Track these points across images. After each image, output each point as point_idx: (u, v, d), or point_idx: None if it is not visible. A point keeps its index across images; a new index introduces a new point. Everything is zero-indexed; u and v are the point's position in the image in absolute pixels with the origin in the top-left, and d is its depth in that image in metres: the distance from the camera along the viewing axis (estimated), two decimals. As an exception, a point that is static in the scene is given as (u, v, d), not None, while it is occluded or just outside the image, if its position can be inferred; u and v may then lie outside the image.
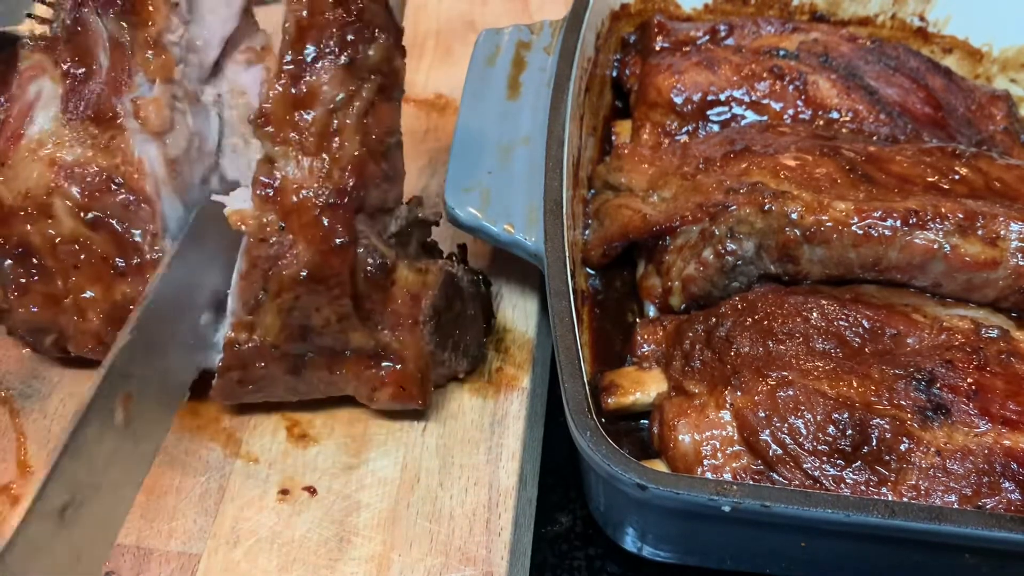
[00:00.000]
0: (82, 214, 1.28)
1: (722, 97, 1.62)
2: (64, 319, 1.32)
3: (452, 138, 1.49)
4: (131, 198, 1.28)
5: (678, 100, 1.62)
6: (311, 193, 1.21)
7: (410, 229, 1.33)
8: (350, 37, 1.20)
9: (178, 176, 1.32)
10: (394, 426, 1.39)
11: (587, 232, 1.52)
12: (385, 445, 1.38)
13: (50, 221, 1.29)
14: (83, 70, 1.29)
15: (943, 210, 1.34)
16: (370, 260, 1.26)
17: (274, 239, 1.21)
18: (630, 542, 1.33)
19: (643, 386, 1.34)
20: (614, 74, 1.80)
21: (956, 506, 1.16)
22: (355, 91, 1.21)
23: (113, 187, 1.28)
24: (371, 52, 1.21)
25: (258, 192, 1.21)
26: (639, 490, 1.12)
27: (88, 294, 1.31)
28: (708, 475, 1.23)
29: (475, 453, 1.37)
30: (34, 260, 1.30)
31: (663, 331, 1.39)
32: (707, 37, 1.74)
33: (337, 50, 1.20)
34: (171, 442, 1.37)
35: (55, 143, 1.29)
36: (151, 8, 1.26)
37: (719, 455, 1.24)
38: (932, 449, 1.19)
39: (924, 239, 1.33)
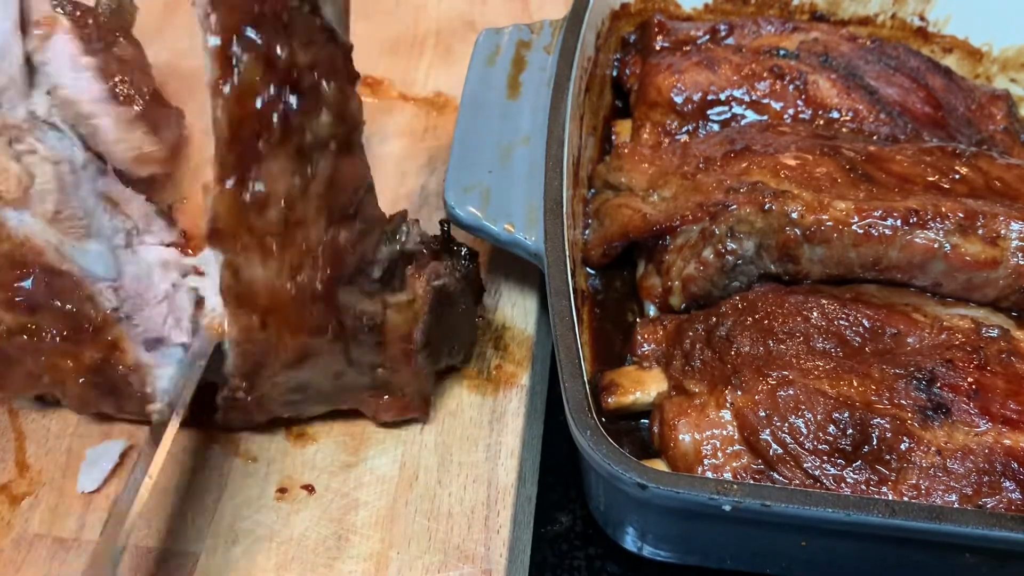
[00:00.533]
0: (13, 308, 1.21)
1: (722, 97, 1.62)
2: (51, 389, 1.29)
3: (452, 137, 1.48)
4: (45, 278, 1.20)
5: (678, 100, 1.62)
6: (287, 291, 1.14)
7: (392, 267, 1.25)
8: (294, 117, 1.08)
9: (71, 226, 1.21)
10: (392, 424, 1.39)
11: (587, 232, 1.51)
12: (383, 443, 1.37)
13: None
14: None
15: (943, 209, 1.34)
16: (358, 327, 1.22)
17: (259, 337, 1.16)
18: (630, 542, 1.32)
19: (643, 385, 1.34)
20: (614, 74, 1.80)
21: (957, 505, 1.16)
22: (312, 173, 1.11)
23: (21, 273, 1.19)
24: (321, 121, 1.10)
25: (229, 302, 1.14)
26: (639, 489, 1.12)
27: (61, 366, 1.25)
28: (708, 474, 1.22)
29: (474, 451, 1.37)
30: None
31: (663, 330, 1.39)
32: (707, 37, 1.74)
33: (281, 137, 1.07)
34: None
35: None
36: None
37: (719, 454, 1.23)
38: (932, 448, 1.19)
39: (924, 238, 1.33)
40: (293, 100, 1.07)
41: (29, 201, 1.17)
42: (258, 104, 1.05)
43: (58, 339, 1.22)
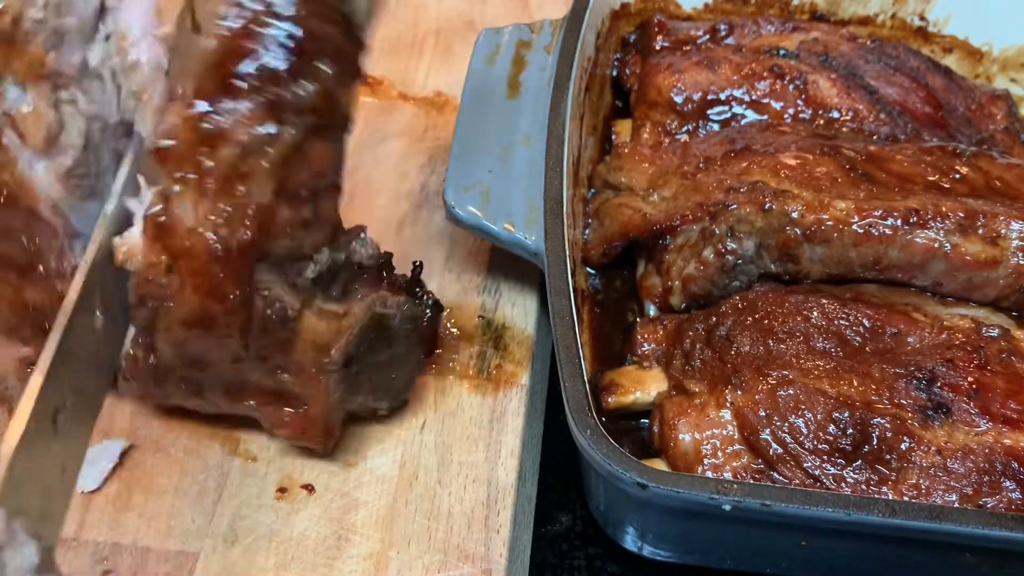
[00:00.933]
0: None
1: (722, 96, 1.62)
2: None
3: (452, 137, 1.48)
4: (27, 217, 1.14)
5: (678, 99, 1.62)
6: (204, 239, 1.07)
7: (332, 273, 1.22)
8: (282, 72, 1.05)
9: (78, 184, 1.16)
10: (392, 424, 1.39)
11: (587, 232, 1.51)
12: (383, 443, 1.37)
13: None
14: None
15: (944, 209, 1.34)
16: (269, 311, 1.15)
17: (162, 280, 1.09)
18: (630, 541, 1.32)
19: (643, 385, 1.34)
20: (614, 73, 1.80)
21: (957, 505, 1.16)
22: (276, 134, 1.07)
23: (5, 206, 1.13)
24: (304, 91, 1.07)
25: (148, 229, 1.08)
26: (639, 489, 1.12)
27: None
28: (708, 474, 1.22)
29: (474, 450, 1.37)
30: None
31: (663, 330, 1.39)
32: (707, 36, 1.74)
33: (260, 85, 1.05)
34: (169, 440, 1.37)
35: None
36: (16, 36, 1.09)
37: (719, 454, 1.23)
38: (933, 448, 1.19)
39: (925, 238, 1.33)
40: (285, 57, 1.04)
41: (50, 151, 1.13)
42: (253, 44, 1.04)
43: (9, 266, 1.15)
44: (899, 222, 1.33)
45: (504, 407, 1.41)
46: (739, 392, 1.25)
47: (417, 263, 1.35)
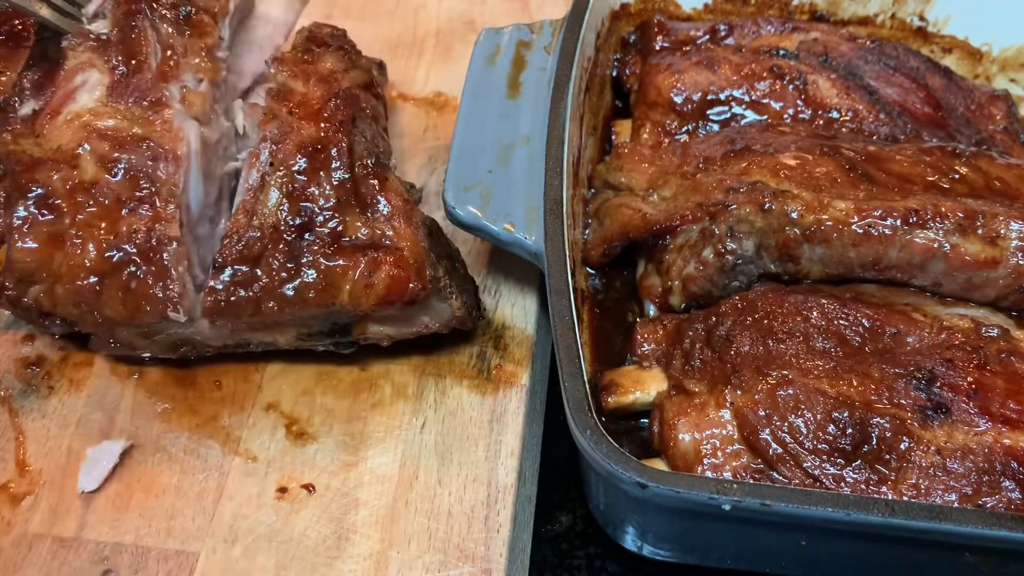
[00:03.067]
0: (108, 165, 1.30)
1: (722, 96, 1.62)
2: (59, 260, 1.28)
3: (452, 137, 1.48)
4: (161, 149, 1.33)
5: (678, 100, 1.62)
6: (315, 96, 1.41)
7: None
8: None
9: (207, 158, 1.39)
10: (392, 423, 1.39)
11: (587, 232, 1.51)
12: (384, 442, 1.38)
13: (75, 171, 1.30)
14: (133, 63, 1.38)
15: (943, 209, 1.34)
16: (367, 152, 1.38)
17: (283, 116, 1.38)
18: (630, 541, 1.33)
19: (643, 385, 1.34)
20: (614, 74, 1.80)
21: (956, 505, 1.16)
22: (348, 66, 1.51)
23: (142, 145, 1.32)
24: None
25: (271, 94, 1.43)
26: (639, 488, 1.12)
27: (90, 230, 1.29)
28: (708, 474, 1.22)
29: (474, 450, 1.37)
30: (49, 202, 1.29)
31: (663, 330, 1.39)
32: (707, 37, 1.74)
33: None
34: (169, 440, 1.37)
35: (93, 115, 1.33)
36: (207, 27, 1.45)
37: (719, 454, 1.23)
38: (932, 448, 1.19)
39: (924, 238, 1.33)
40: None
41: (202, 124, 1.40)
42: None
43: (115, 201, 1.30)
44: (899, 222, 1.33)
45: (504, 407, 1.41)
46: (739, 392, 1.25)
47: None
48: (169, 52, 1.41)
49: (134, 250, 1.27)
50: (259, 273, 1.30)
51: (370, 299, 1.32)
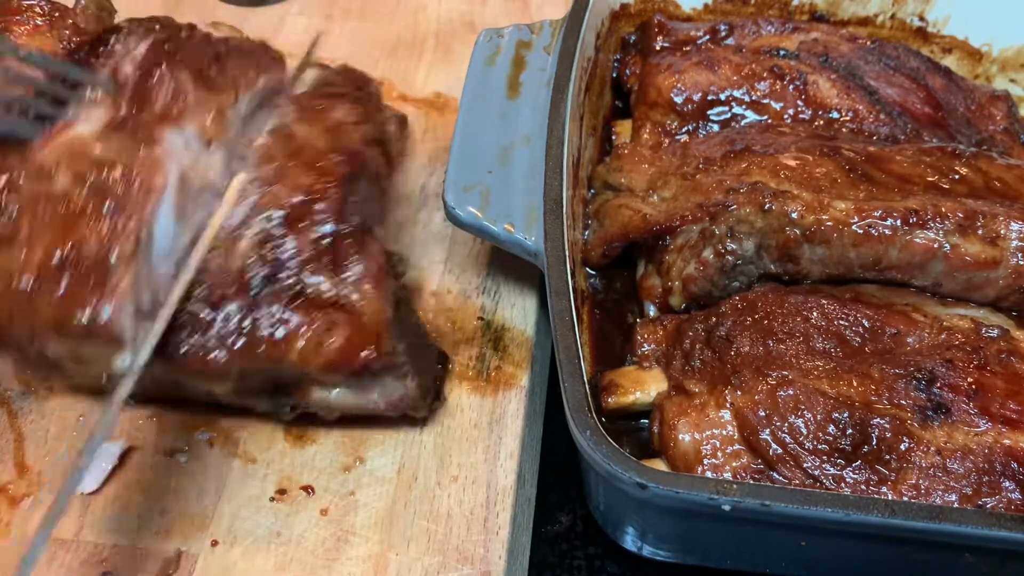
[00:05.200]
0: (79, 182, 1.26)
1: (722, 97, 1.62)
2: (3, 262, 1.23)
3: (452, 137, 1.48)
4: (138, 178, 1.27)
5: (678, 100, 1.62)
6: (317, 146, 1.36)
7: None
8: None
9: (184, 198, 1.31)
10: (391, 425, 1.39)
11: (587, 232, 1.51)
12: (383, 444, 1.37)
13: (45, 184, 1.26)
14: (139, 106, 1.35)
15: (943, 209, 1.34)
16: (356, 213, 1.32)
17: (281, 160, 1.34)
18: (630, 541, 1.32)
19: (643, 385, 1.34)
20: (614, 74, 1.80)
21: (956, 505, 1.16)
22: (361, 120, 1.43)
23: (120, 172, 1.27)
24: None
25: (274, 133, 1.38)
26: (639, 489, 1.12)
27: (42, 235, 1.23)
28: (708, 474, 1.22)
29: (473, 452, 1.37)
30: (9, 207, 1.25)
31: (663, 330, 1.39)
32: (707, 37, 1.74)
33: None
34: (168, 442, 1.37)
35: (82, 143, 1.30)
36: (225, 89, 1.40)
37: (719, 454, 1.23)
38: (932, 448, 1.19)
39: (924, 238, 1.33)
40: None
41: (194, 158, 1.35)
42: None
43: (78, 213, 1.25)
44: (899, 222, 1.33)
45: (503, 409, 1.41)
46: (739, 392, 1.25)
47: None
48: (176, 100, 1.38)
49: (81, 258, 1.22)
50: (213, 323, 1.26)
51: (318, 360, 1.26)
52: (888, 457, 1.19)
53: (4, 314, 1.22)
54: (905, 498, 1.17)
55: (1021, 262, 1.32)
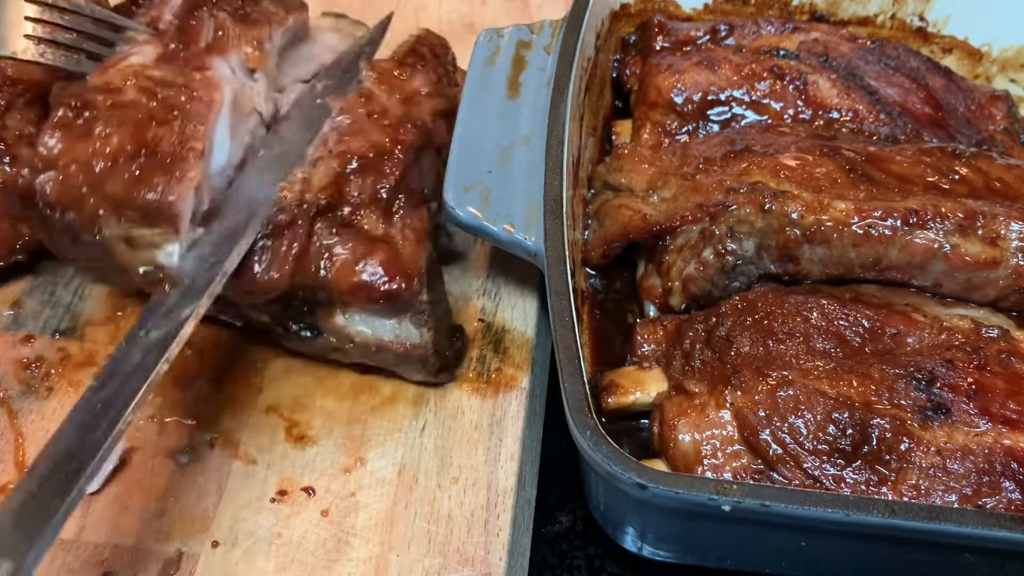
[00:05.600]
0: (147, 94, 1.37)
1: (722, 97, 1.62)
2: (80, 149, 1.32)
3: (452, 137, 1.48)
4: (196, 93, 1.39)
5: (678, 100, 1.62)
6: (392, 113, 1.47)
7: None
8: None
9: (237, 117, 1.44)
10: (392, 427, 1.39)
11: (587, 232, 1.51)
12: (383, 446, 1.37)
13: (118, 96, 1.36)
14: (186, 41, 1.48)
15: (943, 210, 1.33)
16: (417, 181, 1.44)
17: (360, 116, 1.46)
18: (630, 541, 1.32)
19: (643, 385, 1.34)
20: (614, 74, 1.80)
21: (956, 505, 1.16)
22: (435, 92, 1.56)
23: (181, 88, 1.40)
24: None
25: (358, 91, 1.50)
26: (639, 489, 1.12)
27: (119, 130, 1.33)
28: (708, 474, 1.22)
29: (474, 454, 1.37)
30: (86, 110, 1.34)
31: (663, 331, 1.39)
32: (707, 37, 1.74)
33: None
34: (169, 443, 1.37)
35: (142, 66, 1.42)
36: (261, 22, 1.54)
37: (719, 454, 1.23)
38: (932, 449, 1.19)
39: (924, 238, 1.33)
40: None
41: (244, 81, 1.49)
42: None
43: (147, 118, 1.36)
44: (899, 223, 1.33)
45: (504, 410, 1.41)
46: (739, 392, 1.25)
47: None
48: (220, 33, 1.50)
49: (156, 149, 1.32)
50: (276, 246, 1.34)
51: (352, 278, 1.33)
52: (888, 457, 1.19)
53: (77, 188, 1.31)
54: (905, 498, 1.17)
55: (1021, 262, 1.32)
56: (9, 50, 1.43)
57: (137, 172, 1.30)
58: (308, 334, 1.40)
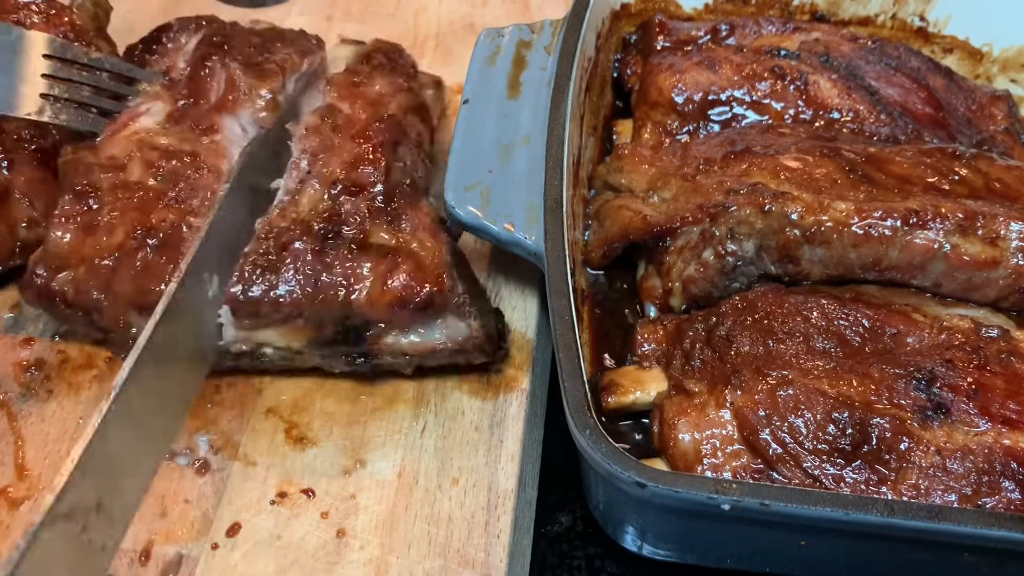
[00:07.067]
0: (152, 169, 1.40)
1: (723, 97, 1.61)
2: (88, 245, 1.34)
3: (452, 137, 1.48)
4: (204, 162, 1.41)
5: (679, 100, 1.62)
6: (359, 119, 1.48)
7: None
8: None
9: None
10: (392, 428, 1.39)
11: (587, 233, 1.51)
12: (384, 447, 1.37)
13: (121, 174, 1.38)
14: (196, 97, 1.50)
15: (943, 210, 1.33)
16: (405, 175, 1.45)
17: (326, 134, 1.46)
18: (630, 541, 1.32)
19: (643, 385, 1.34)
20: (615, 74, 1.79)
21: (956, 505, 1.16)
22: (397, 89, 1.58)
23: (187, 158, 1.41)
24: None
25: (317, 113, 1.49)
26: (639, 488, 1.12)
27: (122, 218, 1.35)
28: (708, 474, 1.22)
29: (474, 455, 1.37)
30: (91, 197, 1.36)
31: (663, 330, 1.38)
32: (708, 37, 1.74)
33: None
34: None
35: (149, 133, 1.44)
36: (273, 73, 1.54)
37: (719, 454, 1.23)
38: (932, 448, 1.18)
39: (924, 239, 1.33)
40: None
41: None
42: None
43: (153, 198, 1.39)
44: (899, 223, 1.33)
45: (504, 412, 1.41)
46: (739, 392, 1.25)
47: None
48: (231, 89, 1.51)
49: (158, 235, 1.34)
50: (283, 264, 1.34)
51: (385, 298, 1.33)
52: (888, 457, 1.19)
53: (91, 294, 1.33)
54: (905, 498, 1.17)
55: (1021, 262, 1.32)
56: (24, 108, 1.44)
57: (142, 267, 1.32)
58: (362, 360, 1.40)
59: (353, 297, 1.33)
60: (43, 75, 1.46)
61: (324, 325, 1.36)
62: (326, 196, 1.38)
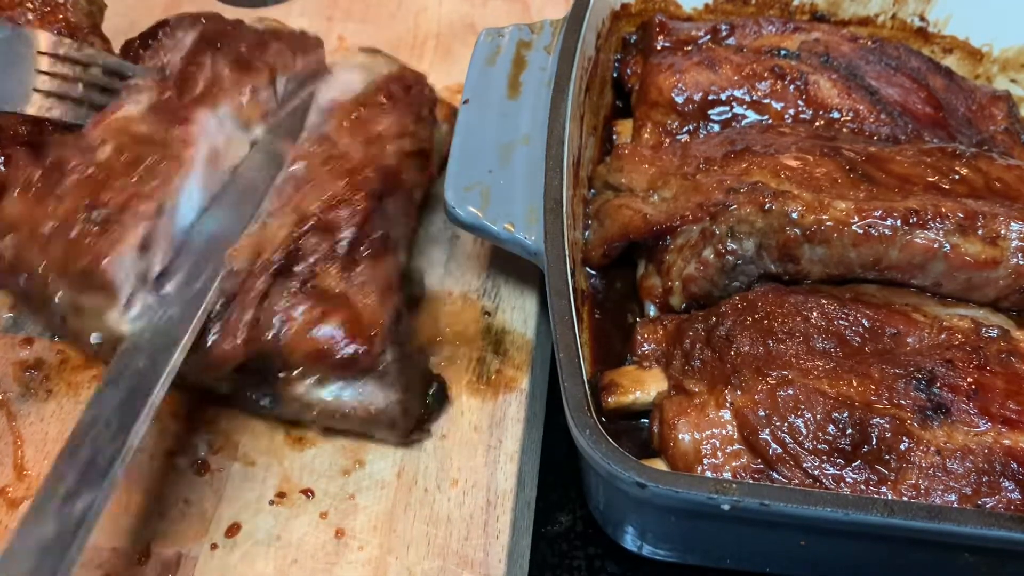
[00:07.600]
0: (118, 153, 1.36)
1: (723, 97, 1.61)
2: (36, 214, 1.32)
3: (452, 137, 1.48)
4: (169, 151, 1.37)
5: (679, 99, 1.61)
6: (354, 157, 1.43)
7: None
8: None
9: (214, 172, 1.42)
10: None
11: (587, 232, 1.51)
12: (383, 447, 1.37)
13: (91, 155, 1.36)
14: (179, 90, 1.47)
15: (943, 210, 1.33)
16: (382, 227, 1.39)
17: (315, 165, 1.41)
18: (630, 541, 1.32)
19: (643, 385, 1.34)
20: (615, 74, 1.79)
21: (956, 505, 1.16)
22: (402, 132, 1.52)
23: (155, 146, 1.37)
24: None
25: (313, 139, 1.46)
26: (639, 488, 1.12)
27: (73, 192, 1.33)
28: (708, 474, 1.22)
29: (473, 455, 1.36)
30: (53, 172, 1.35)
31: (663, 330, 1.38)
32: (708, 36, 1.74)
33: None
34: (167, 444, 1.37)
35: (127, 121, 1.40)
36: (259, 71, 1.51)
37: (719, 454, 1.23)
38: (932, 448, 1.18)
39: (924, 238, 1.33)
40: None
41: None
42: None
43: (111, 176, 1.35)
44: (899, 222, 1.33)
45: (504, 412, 1.41)
46: (739, 392, 1.24)
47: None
48: (213, 83, 1.48)
49: (102, 212, 1.30)
50: (230, 310, 1.30)
51: (305, 345, 1.28)
52: (888, 457, 1.19)
53: (29, 252, 1.30)
54: (905, 498, 1.17)
55: (1021, 262, 1.32)
56: (19, 104, 1.44)
57: (74, 236, 1.28)
58: (267, 403, 1.35)
59: (278, 338, 1.29)
60: (38, 71, 1.45)
61: (249, 368, 1.32)
62: (294, 232, 1.34)
